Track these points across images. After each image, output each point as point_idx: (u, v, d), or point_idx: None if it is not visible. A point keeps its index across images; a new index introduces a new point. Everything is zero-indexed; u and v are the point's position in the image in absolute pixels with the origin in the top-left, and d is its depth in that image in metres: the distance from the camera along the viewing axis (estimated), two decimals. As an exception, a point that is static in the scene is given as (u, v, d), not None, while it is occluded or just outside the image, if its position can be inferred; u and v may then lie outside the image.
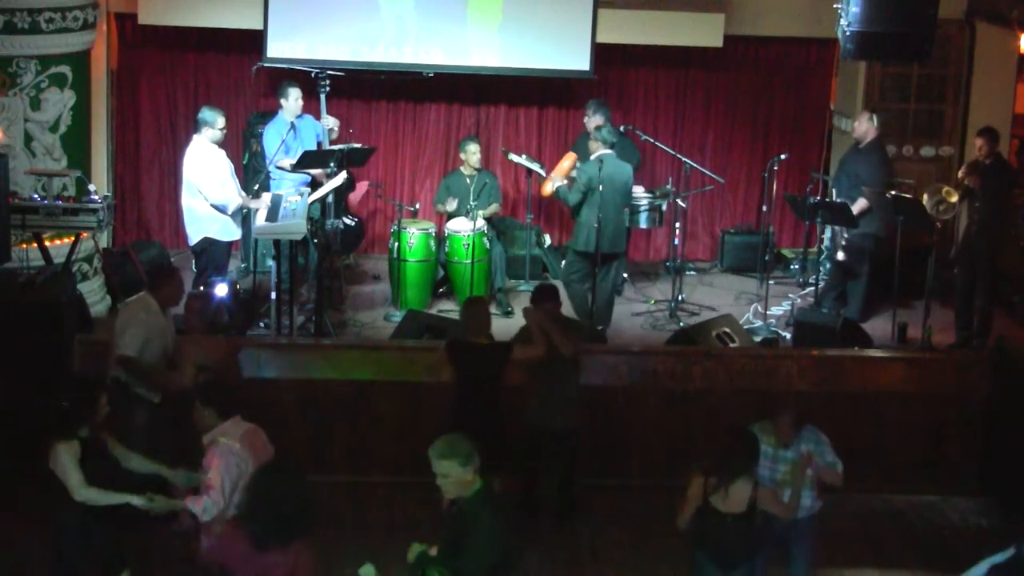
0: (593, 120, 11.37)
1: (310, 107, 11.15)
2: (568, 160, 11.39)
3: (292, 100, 10.90)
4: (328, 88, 10.92)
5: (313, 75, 10.95)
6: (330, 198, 10.61)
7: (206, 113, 10.17)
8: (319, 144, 11.01)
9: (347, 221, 11.33)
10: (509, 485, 7.71)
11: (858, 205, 10.78)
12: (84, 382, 6.77)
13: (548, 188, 11.26)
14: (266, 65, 11.73)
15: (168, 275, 8.28)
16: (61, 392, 6.46)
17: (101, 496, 6.08)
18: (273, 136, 10.81)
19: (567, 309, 9.75)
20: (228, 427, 6.21)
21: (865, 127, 11.15)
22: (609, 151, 10.62)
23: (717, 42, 12.11)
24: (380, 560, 5.93)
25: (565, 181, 11.04)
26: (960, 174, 10.44)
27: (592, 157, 10.61)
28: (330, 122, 11.27)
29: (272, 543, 5.21)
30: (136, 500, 6.03)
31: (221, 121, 10.13)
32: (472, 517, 5.59)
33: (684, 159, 11.74)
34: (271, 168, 10.81)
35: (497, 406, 8.06)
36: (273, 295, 10.17)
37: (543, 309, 8.12)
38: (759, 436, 6.75)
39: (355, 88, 12.37)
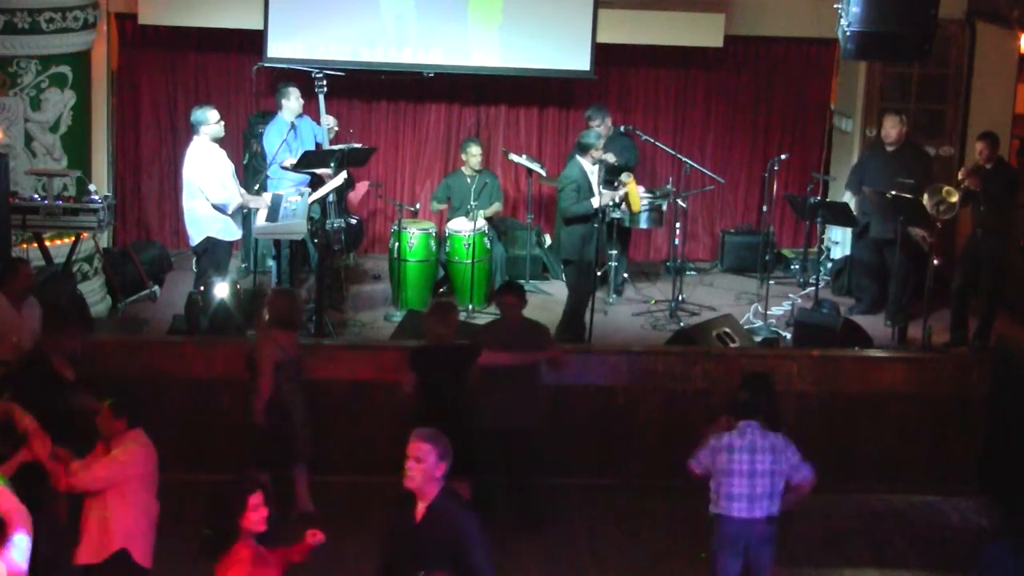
0: (603, 128, 11.39)
1: (308, 108, 11.14)
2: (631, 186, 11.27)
3: (292, 100, 10.87)
4: (326, 89, 10.89)
5: (312, 76, 10.93)
6: (331, 197, 10.60)
7: (198, 113, 10.03)
8: (318, 145, 11.00)
9: (350, 220, 11.33)
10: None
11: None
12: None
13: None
14: (266, 65, 11.72)
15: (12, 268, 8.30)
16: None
17: None
18: (274, 136, 10.78)
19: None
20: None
21: (899, 130, 11.14)
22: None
23: (717, 42, 12.11)
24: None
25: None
26: (960, 176, 10.41)
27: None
28: (330, 121, 11.25)
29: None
30: None
31: (214, 115, 9.99)
32: (451, 523, 5.57)
33: (684, 159, 11.73)
34: (272, 169, 10.79)
35: (461, 411, 7.96)
36: (273, 295, 10.16)
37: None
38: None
39: (355, 88, 12.37)
